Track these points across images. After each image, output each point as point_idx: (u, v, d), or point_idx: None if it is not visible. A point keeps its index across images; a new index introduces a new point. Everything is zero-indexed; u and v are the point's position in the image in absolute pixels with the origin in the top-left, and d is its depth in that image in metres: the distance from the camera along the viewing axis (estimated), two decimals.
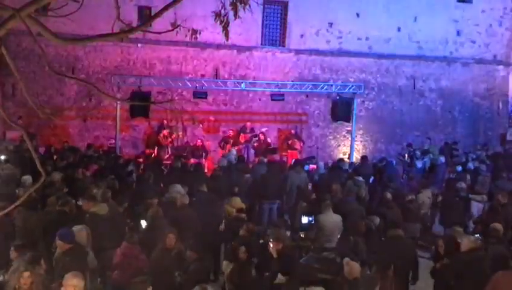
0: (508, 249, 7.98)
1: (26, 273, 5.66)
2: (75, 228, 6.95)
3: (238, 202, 9.93)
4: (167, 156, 16.01)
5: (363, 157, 15.12)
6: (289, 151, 17.59)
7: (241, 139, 16.92)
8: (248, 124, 17.63)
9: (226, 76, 18.08)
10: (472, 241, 7.08)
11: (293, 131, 18.24)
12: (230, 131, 17.21)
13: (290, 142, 17.66)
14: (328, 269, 8.02)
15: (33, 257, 5.97)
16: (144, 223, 8.53)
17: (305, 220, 9.79)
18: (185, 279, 6.68)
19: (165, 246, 7.17)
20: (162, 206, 9.12)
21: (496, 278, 6.24)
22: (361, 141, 19.49)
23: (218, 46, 17.52)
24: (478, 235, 8.43)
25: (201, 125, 17.96)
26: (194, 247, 7.06)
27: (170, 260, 7.00)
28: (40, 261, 6.05)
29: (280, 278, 6.52)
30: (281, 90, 17.18)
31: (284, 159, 17.26)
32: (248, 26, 17.17)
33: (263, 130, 17.58)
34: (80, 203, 8.99)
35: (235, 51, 18.15)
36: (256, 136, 17.20)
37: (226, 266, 6.91)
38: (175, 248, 7.14)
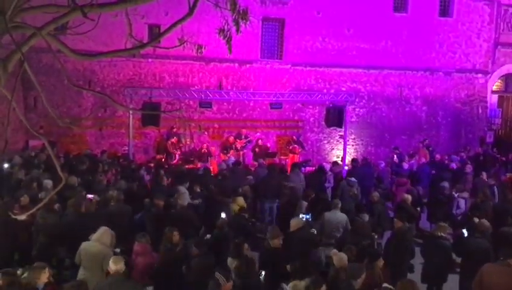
0: (490, 242, 8.01)
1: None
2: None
3: (241, 201, 9.89)
4: (175, 161, 15.99)
5: (354, 160, 15.06)
6: (290, 155, 17.49)
7: (237, 144, 16.84)
8: (243, 131, 17.52)
9: (229, 87, 18.06)
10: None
11: (294, 137, 17.91)
12: (231, 137, 17.11)
13: (291, 147, 17.56)
14: None
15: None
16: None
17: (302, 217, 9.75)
18: (188, 272, 6.70)
19: (170, 243, 7.14)
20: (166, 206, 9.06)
21: (484, 269, 6.49)
22: (353, 145, 19.46)
23: (222, 60, 17.56)
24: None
25: (206, 132, 17.95)
26: (198, 244, 7.00)
27: (176, 255, 7.02)
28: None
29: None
30: (279, 99, 17.18)
31: (284, 162, 17.18)
32: (248, 42, 17.22)
33: (257, 135, 17.54)
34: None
35: (237, 64, 18.15)
36: (250, 141, 17.13)
37: (230, 263, 6.84)
38: (179, 244, 7.11)
